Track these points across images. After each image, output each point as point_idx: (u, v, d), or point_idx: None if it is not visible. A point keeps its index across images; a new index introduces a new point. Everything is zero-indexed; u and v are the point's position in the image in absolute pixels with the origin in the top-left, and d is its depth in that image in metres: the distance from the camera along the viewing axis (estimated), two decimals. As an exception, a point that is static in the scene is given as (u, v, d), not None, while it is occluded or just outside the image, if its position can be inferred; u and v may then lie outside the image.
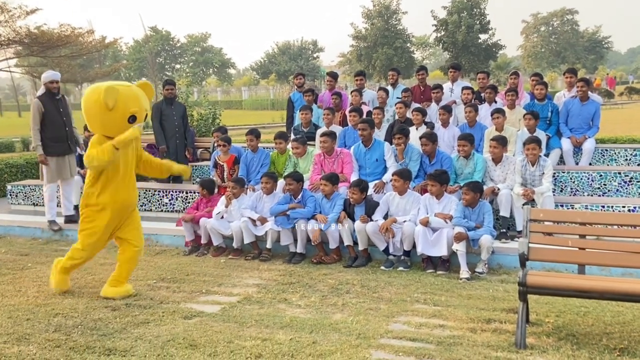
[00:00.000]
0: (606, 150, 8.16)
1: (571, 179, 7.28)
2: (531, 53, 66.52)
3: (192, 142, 9.66)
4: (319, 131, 7.49)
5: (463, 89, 8.44)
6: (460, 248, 5.43)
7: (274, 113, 32.63)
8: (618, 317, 4.24)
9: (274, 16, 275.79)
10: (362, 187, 6.05)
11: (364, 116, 7.64)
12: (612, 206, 6.29)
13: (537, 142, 6.33)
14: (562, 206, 6.38)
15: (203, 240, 6.59)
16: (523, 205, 5.96)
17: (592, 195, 7.13)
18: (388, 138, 7.39)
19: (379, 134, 7.59)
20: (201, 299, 4.91)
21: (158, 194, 8.20)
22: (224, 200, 6.59)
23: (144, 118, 4.90)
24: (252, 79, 68.73)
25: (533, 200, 6.18)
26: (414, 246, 5.67)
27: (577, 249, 4.12)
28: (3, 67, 23.22)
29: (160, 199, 8.20)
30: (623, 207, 6.25)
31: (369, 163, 6.75)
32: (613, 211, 6.19)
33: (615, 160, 8.10)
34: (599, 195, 7.11)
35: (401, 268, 5.67)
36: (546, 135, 7.65)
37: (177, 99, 9.85)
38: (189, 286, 5.26)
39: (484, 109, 7.99)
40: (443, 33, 47.54)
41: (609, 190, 7.12)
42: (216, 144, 8.09)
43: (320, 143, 6.90)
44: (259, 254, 6.25)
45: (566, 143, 7.85)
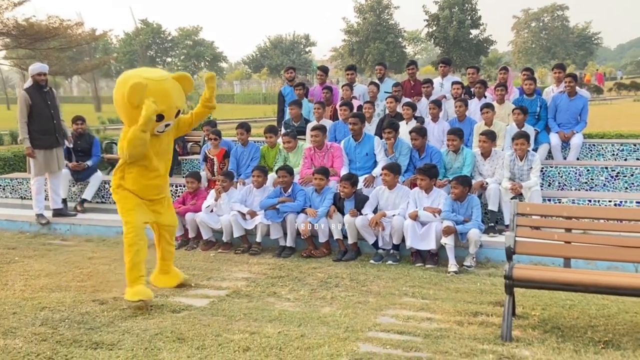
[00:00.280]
0: (594, 145, 8.23)
1: (559, 174, 7.33)
2: (522, 49, 66.91)
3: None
4: (310, 125, 7.49)
5: (453, 84, 8.47)
6: (448, 242, 5.46)
7: (266, 107, 32.50)
8: (603, 310, 4.29)
9: (267, 10, 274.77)
10: (353, 181, 6.06)
11: (355, 110, 7.65)
12: (599, 200, 6.35)
13: (526, 137, 6.38)
14: (550, 200, 6.43)
15: (190, 234, 6.57)
16: (511, 199, 6.01)
17: (580, 189, 7.19)
18: (378, 132, 7.40)
19: (370, 128, 7.60)
20: (190, 293, 4.90)
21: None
22: (214, 193, 6.57)
23: (175, 115, 4.57)
24: (244, 73, 68.43)
25: (521, 194, 6.23)
26: (403, 240, 5.69)
27: (563, 243, 4.16)
28: (-9, 60, 23.02)
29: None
30: (609, 202, 6.31)
31: (359, 157, 6.76)
32: (600, 205, 6.25)
33: (602, 155, 8.18)
34: (586, 189, 7.17)
35: (390, 262, 5.69)
36: (535, 130, 7.71)
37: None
38: (178, 280, 5.24)
39: (474, 104, 8.04)
40: (435, 28, 47.67)
41: (596, 184, 7.18)
42: (206, 138, 8.07)
43: (311, 137, 6.90)
44: (249, 248, 6.25)
45: (554, 138, 7.90)
